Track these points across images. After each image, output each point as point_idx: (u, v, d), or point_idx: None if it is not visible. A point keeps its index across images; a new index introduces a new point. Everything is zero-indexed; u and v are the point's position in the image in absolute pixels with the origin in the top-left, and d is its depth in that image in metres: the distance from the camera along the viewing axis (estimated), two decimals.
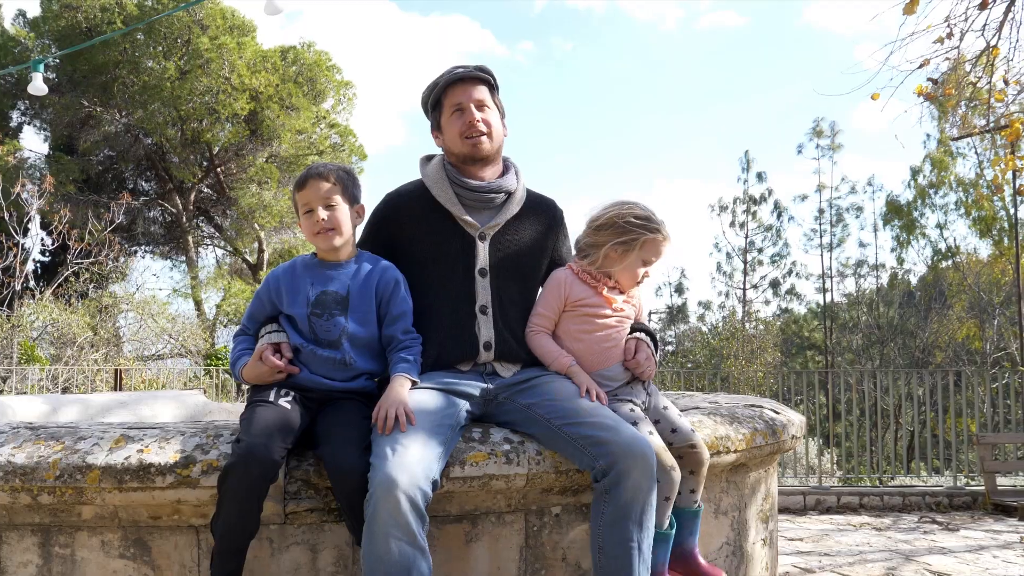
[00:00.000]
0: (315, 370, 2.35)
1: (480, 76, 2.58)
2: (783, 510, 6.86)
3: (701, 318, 25.75)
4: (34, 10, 19.81)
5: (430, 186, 2.57)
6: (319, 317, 2.38)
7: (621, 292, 2.58)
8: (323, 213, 2.38)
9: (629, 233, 2.50)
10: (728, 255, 25.48)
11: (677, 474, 2.37)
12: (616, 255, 2.52)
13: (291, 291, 2.42)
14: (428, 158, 2.68)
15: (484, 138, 2.53)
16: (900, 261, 21.96)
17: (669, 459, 2.36)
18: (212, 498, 2.13)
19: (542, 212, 2.68)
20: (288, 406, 2.22)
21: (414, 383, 2.32)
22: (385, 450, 2.06)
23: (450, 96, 2.56)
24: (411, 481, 1.99)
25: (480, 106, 2.55)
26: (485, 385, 2.45)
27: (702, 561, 2.51)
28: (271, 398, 2.24)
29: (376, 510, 1.97)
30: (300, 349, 2.37)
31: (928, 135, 20.39)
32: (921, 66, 6.16)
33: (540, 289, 2.64)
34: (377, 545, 1.96)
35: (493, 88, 2.62)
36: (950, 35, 5.67)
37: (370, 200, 2.61)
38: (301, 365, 2.36)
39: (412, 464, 2.03)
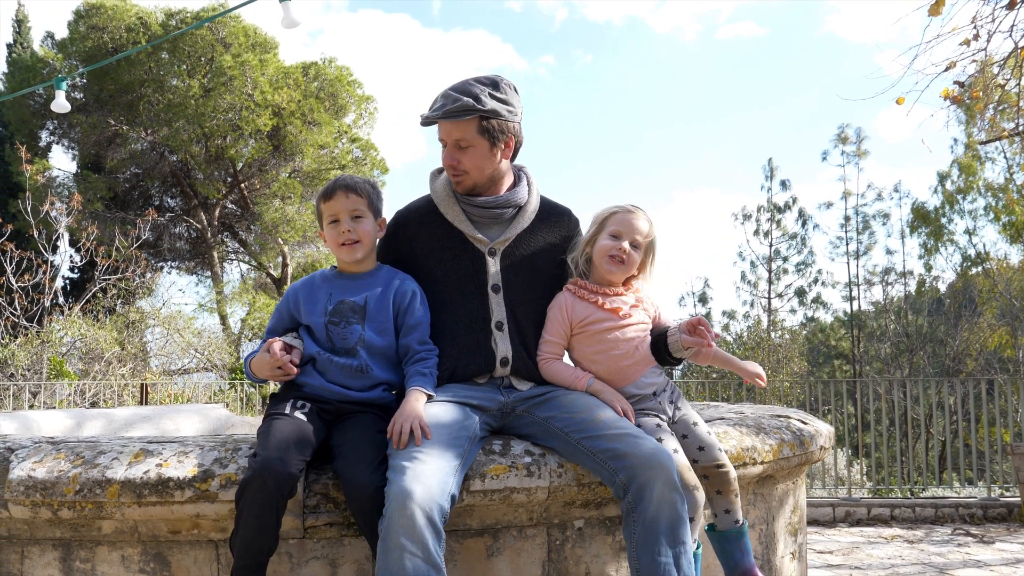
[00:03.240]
0: (332, 378, 2.34)
1: (460, 114, 2.39)
2: (811, 522, 6.74)
3: (725, 328, 25.48)
4: (62, 31, 20.20)
5: (438, 203, 2.54)
6: (336, 325, 2.37)
7: (619, 294, 2.50)
8: (349, 224, 2.39)
9: (597, 221, 2.53)
10: (752, 264, 25.23)
11: (701, 494, 2.31)
12: (591, 248, 2.52)
13: (309, 301, 2.43)
14: (438, 171, 2.64)
15: (462, 176, 2.47)
16: (928, 268, 21.62)
17: (692, 478, 2.30)
18: (231, 512, 2.11)
19: (557, 222, 2.63)
20: (304, 418, 2.21)
21: (430, 396, 2.30)
22: (401, 464, 2.03)
23: (439, 129, 2.48)
24: (427, 495, 1.96)
25: (458, 145, 2.44)
26: (502, 398, 2.42)
27: None
28: (287, 411, 2.22)
29: (391, 525, 1.94)
30: (316, 358, 2.36)
31: (955, 139, 20.09)
32: (947, 69, 6.06)
33: (547, 314, 2.54)
34: (391, 561, 1.92)
35: (484, 117, 2.40)
36: (976, 37, 5.57)
37: (389, 215, 2.60)
38: (317, 374, 2.35)
39: (428, 478, 2.00)
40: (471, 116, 2.40)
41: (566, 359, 2.54)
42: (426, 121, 2.47)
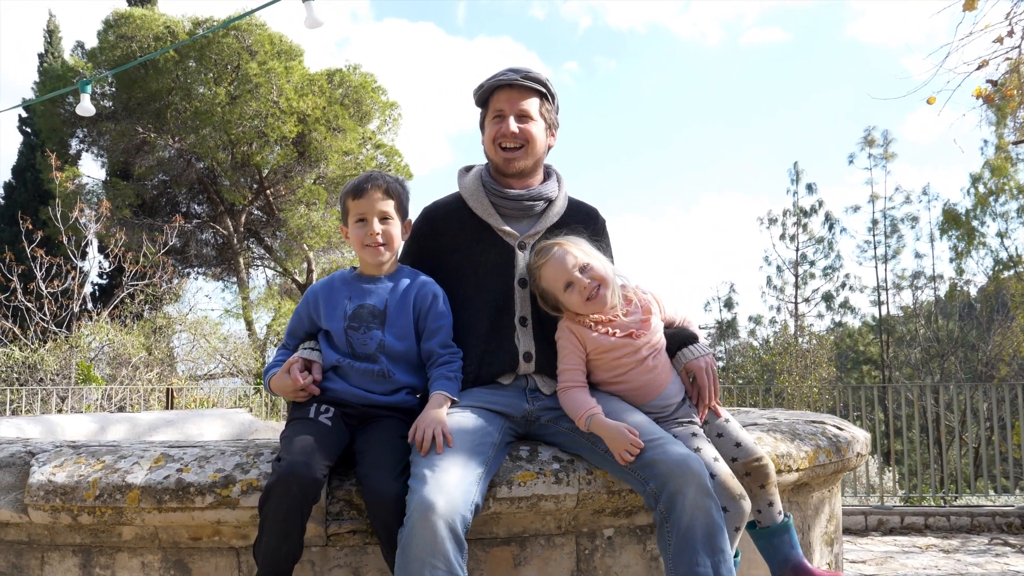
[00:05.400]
0: (354, 382, 2.29)
1: (530, 86, 2.48)
2: (843, 531, 6.60)
3: (752, 333, 25.25)
4: (92, 41, 20.45)
5: (467, 198, 2.52)
6: (356, 330, 2.32)
7: (626, 314, 2.34)
8: (378, 227, 2.33)
9: (539, 287, 2.37)
10: (779, 268, 24.98)
11: (747, 503, 2.22)
12: (564, 309, 2.35)
13: (329, 305, 2.38)
14: (467, 169, 2.64)
15: (518, 152, 2.45)
16: (960, 272, 21.25)
17: (738, 487, 2.21)
18: (252, 519, 2.07)
19: (583, 220, 2.59)
20: (329, 423, 2.16)
21: (454, 402, 2.24)
22: (423, 472, 1.98)
23: (496, 99, 2.49)
24: (450, 506, 1.90)
25: (522, 116, 2.46)
26: (527, 405, 2.36)
27: (817, 570, 2.30)
28: (311, 415, 2.18)
29: (412, 536, 1.88)
30: (338, 365, 2.31)
31: (985, 141, 19.74)
32: (979, 67, 5.92)
33: (557, 345, 2.38)
34: (412, 573, 1.87)
35: (545, 98, 2.52)
36: (1011, 33, 5.44)
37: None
38: (339, 379, 2.30)
39: (451, 488, 1.94)
40: (539, 90, 2.49)
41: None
42: (495, 86, 2.47)
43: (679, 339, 2.43)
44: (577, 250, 2.32)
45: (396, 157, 22.01)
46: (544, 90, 2.51)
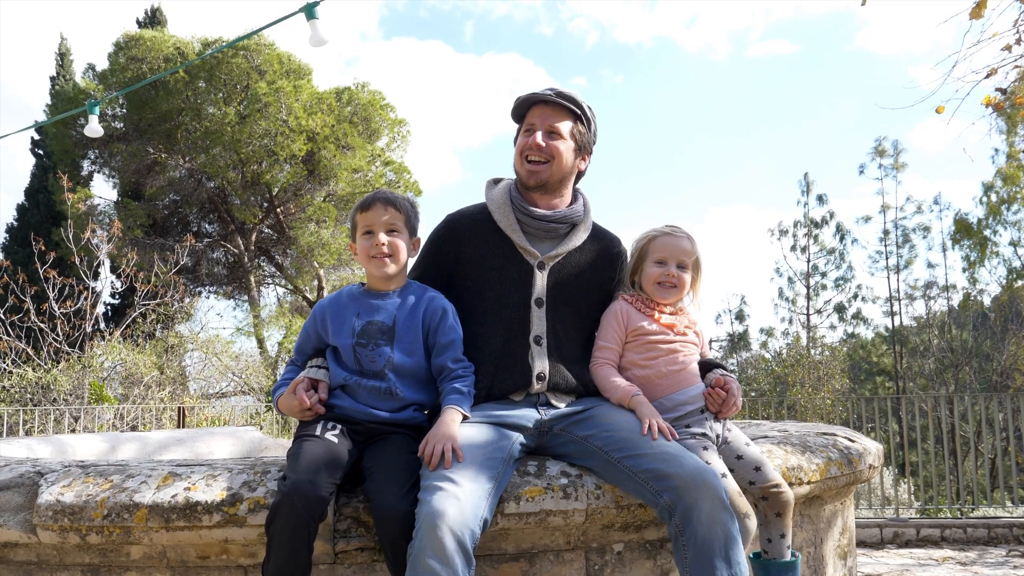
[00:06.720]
0: (361, 400, 2.29)
1: (563, 104, 2.50)
2: (858, 543, 6.53)
3: (764, 345, 25.11)
4: (103, 63, 20.68)
5: (493, 210, 2.52)
6: (364, 347, 2.32)
7: (674, 313, 2.48)
8: (384, 238, 2.34)
9: (638, 248, 2.54)
10: (790, 280, 24.87)
11: (753, 523, 2.20)
12: (638, 276, 2.52)
13: (336, 321, 2.37)
14: (495, 181, 2.63)
15: (542, 166, 2.46)
16: (973, 281, 21.10)
17: (744, 505, 2.20)
18: (260, 537, 2.06)
19: (604, 247, 2.60)
20: (335, 440, 2.15)
21: (465, 416, 2.23)
22: (433, 485, 1.97)
23: (530, 115, 2.52)
24: (459, 519, 1.89)
25: (551, 132, 2.48)
26: (539, 416, 2.35)
27: None
28: (318, 432, 2.17)
29: (421, 549, 1.87)
30: (346, 383, 2.31)
31: (996, 149, 19.65)
32: (988, 76, 5.90)
33: (601, 322, 2.52)
34: None
35: (579, 119, 2.54)
36: (1019, 41, 5.42)
37: (423, 235, 2.57)
38: (347, 397, 2.30)
39: (461, 501, 1.93)
40: (573, 111, 2.51)
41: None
42: (530, 102, 2.52)
43: (711, 365, 2.49)
44: (694, 253, 2.50)
45: (405, 174, 22.12)
46: (579, 112, 2.52)
